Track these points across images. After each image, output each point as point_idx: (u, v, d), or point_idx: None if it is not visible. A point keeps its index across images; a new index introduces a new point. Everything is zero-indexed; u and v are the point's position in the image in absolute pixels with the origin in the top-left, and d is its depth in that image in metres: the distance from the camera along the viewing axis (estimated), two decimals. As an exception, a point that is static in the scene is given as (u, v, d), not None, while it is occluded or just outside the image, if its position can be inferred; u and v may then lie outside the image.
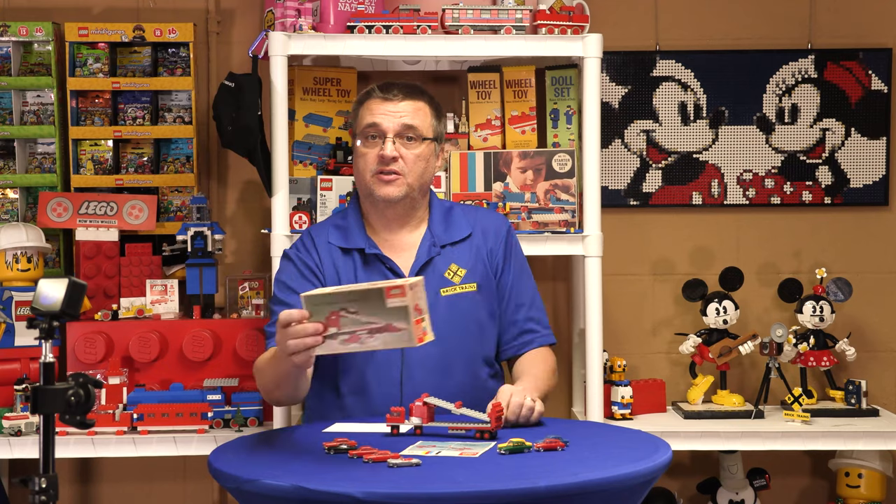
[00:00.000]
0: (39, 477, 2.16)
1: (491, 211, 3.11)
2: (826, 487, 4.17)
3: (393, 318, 2.37)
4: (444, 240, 2.96)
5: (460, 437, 2.49)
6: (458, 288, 2.92)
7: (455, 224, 3.00)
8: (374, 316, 2.37)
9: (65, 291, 2.21)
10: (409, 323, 2.37)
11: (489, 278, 2.97)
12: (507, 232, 3.04)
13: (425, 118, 2.94)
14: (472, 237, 2.99)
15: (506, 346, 3.01)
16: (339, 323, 2.40)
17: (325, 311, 2.40)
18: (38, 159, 3.94)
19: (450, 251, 2.96)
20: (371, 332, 2.38)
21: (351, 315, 2.39)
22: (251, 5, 4.05)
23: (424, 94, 2.97)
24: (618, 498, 2.19)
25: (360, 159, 2.93)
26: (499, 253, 3.00)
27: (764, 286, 4.12)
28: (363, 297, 2.38)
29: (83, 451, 3.40)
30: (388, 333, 2.38)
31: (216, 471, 2.34)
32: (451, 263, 2.94)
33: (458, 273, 2.94)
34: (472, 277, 2.94)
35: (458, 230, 2.99)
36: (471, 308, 2.93)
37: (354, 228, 2.97)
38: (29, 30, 3.84)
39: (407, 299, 2.36)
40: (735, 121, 4.11)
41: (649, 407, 3.85)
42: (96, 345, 3.53)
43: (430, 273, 2.91)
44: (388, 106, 2.92)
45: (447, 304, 2.90)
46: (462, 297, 2.91)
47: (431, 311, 2.55)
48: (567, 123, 3.77)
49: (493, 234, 3.01)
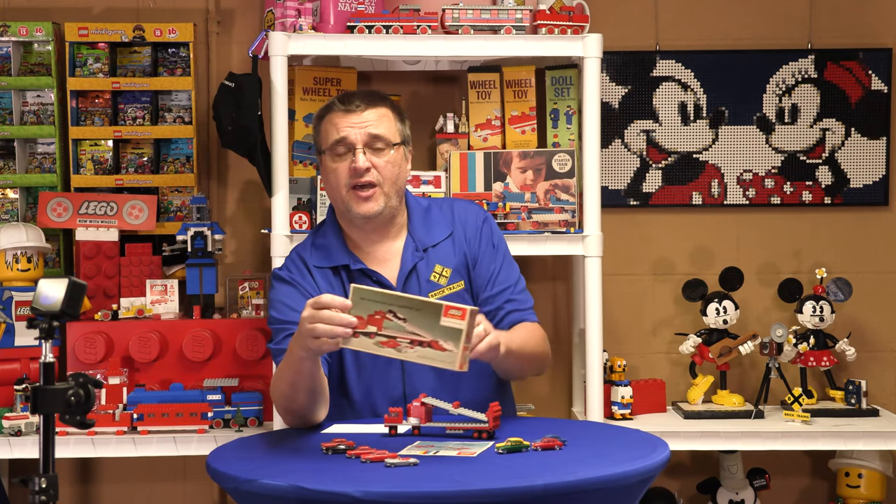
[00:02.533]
0: (39, 477, 2.16)
1: (467, 202, 3.05)
2: (826, 487, 4.17)
3: (442, 337, 2.37)
4: (426, 242, 2.92)
5: (458, 436, 2.49)
6: (445, 290, 2.88)
7: (435, 224, 2.95)
8: (424, 329, 2.38)
9: (65, 291, 2.21)
10: (458, 346, 2.37)
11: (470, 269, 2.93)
12: (485, 220, 2.97)
13: (390, 124, 2.88)
14: (453, 235, 2.95)
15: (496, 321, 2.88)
16: (382, 324, 2.39)
17: (370, 308, 2.39)
18: (38, 159, 3.94)
19: (433, 252, 2.91)
20: (412, 343, 2.39)
21: (397, 321, 2.39)
22: (251, 5, 4.05)
23: (385, 100, 2.91)
24: (615, 497, 2.19)
25: (331, 175, 2.86)
26: (476, 241, 2.93)
27: (764, 286, 4.13)
28: (418, 308, 2.38)
29: (83, 451, 3.40)
30: (432, 350, 2.38)
31: (214, 471, 2.34)
32: (435, 265, 2.90)
33: (444, 274, 2.89)
34: (458, 276, 2.91)
35: (438, 230, 2.94)
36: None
37: (335, 246, 2.91)
38: (29, 30, 3.85)
39: (464, 323, 2.36)
40: (735, 121, 4.11)
41: (649, 407, 3.85)
42: (96, 345, 3.53)
43: (417, 279, 2.88)
44: (351, 118, 2.85)
45: None
46: (450, 297, 2.86)
47: None
48: (567, 123, 3.78)
49: (472, 224, 2.96)
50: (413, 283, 2.87)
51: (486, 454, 2.34)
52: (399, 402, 2.79)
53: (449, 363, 2.38)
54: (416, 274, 2.89)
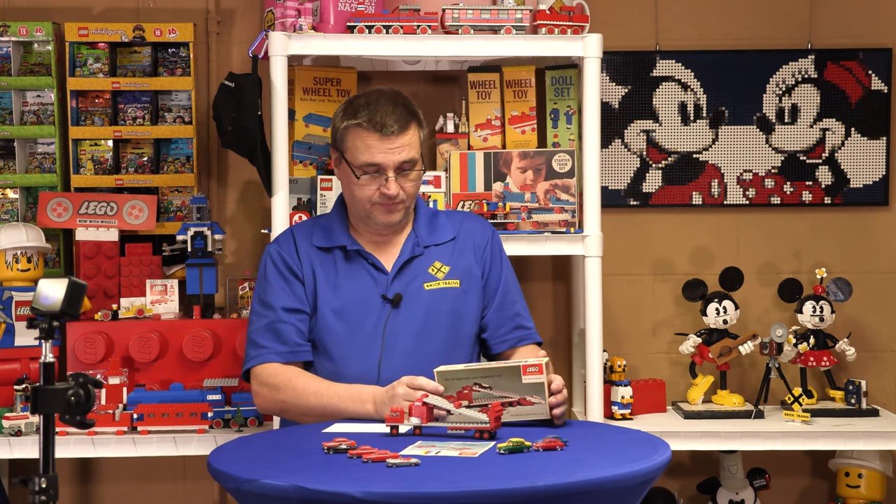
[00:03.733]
0: (39, 477, 2.16)
1: (475, 215, 3.16)
2: (826, 487, 4.17)
3: (528, 393, 2.57)
4: (428, 241, 3.00)
5: (459, 436, 2.49)
6: (441, 283, 2.95)
7: (440, 228, 3.04)
8: (509, 391, 2.57)
9: (65, 291, 2.21)
10: (544, 398, 2.56)
11: (475, 278, 3.00)
12: (492, 234, 3.08)
13: (417, 142, 2.92)
14: (457, 240, 3.03)
15: (500, 340, 3.02)
16: (472, 397, 2.56)
17: (457, 385, 2.58)
18: (38, 159, 3.94)
19: (433, 251, 3.00)
20: (504, 405, 2.56)
21: (484, 390, 2.57)
22: (251, 5, 4.05)
23: (413, 116, 2.92)
24: (617, 498, 2.19)
25: (358, 189, 2.89)
26: (486, 253, 3.03)
27: (764, 286, 4.13)
28: (499, 374, 2.58)
29: (83, 451, 3.40)
30: (522, 406, 2.57)
31: (215, 471, 2.34)
32: (434, 261, 2.98)
33: (442, 269, 2.97)
34: (456, 275, 2.98)
35: (442, 233, 3.03)
36: (453, 302, 2.95)
37: (337, 228, 2.99)
38: (29, 30, 3.85)
39: (543, 376, 2.55)
40: (735, 121, 4.11)
41: (649, 407, 3.85)
42: (96, 345, 3.53)
43: (414, 269, 2.96)
44: (386, 144, 2.86)
45: (430, 296, 2.94)
46: (446, 291, 2.95)
47: (413, 304, 2.84)
48: (567, 123, 3.78)
49: (480, 235, 3.05)
50: (408, 270, 2.95)
51: (488, 454, 2.34)
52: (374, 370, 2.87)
53: (541, 414, 2.57)
54: (416, 265, 2.97)
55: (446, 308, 2.94)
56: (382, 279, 2.94)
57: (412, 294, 2.93)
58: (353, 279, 2.95)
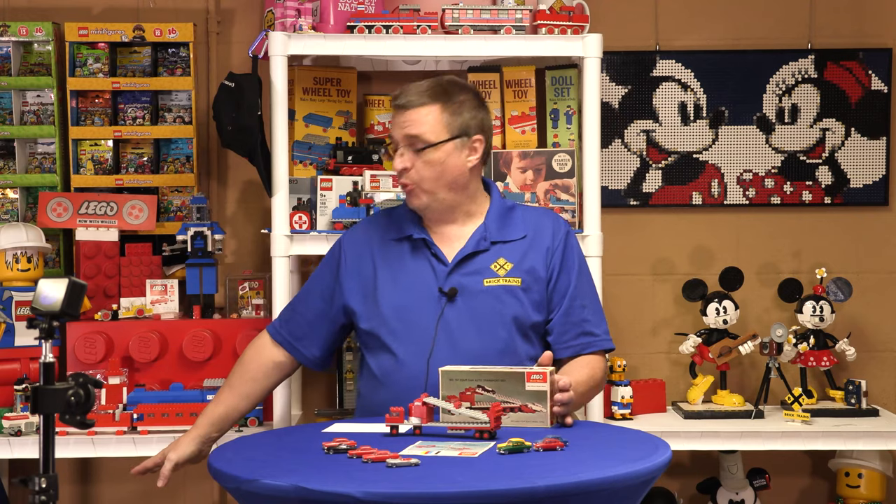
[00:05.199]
0: (39, 477, 2.16)
1: (553, 214, 3.06)
2: (826, 487, 4.18)
3: (530, 400, 2.59)
4: (497, 237, 2.94)
5: (459, 436, 2.49)
6: (501, 280, 2.89)
7: (512, 224, 2.97)
8: (512, 396, 2.59)
9: (65, 291, 2.21)
10: (545, 406, 2.58)
11: (539, 279, 2.92)
12: (566, 233, 2.99)
13: (434, 122, 2.86)
14: (527, 238, 2.95)
15: (564, 346, 2.93)
16: (474, 399, 2.56)
17: (460, 386, 2.58)
18: (38, 159, 3.94)
19: (500, 248, 2.93)
20: (505, 411, 2.58)
21: (487, 393, 2.58)
22: (251, 5, 4.05)
23: (438, 94, 2.88)
24: (617, 498, 2.19)
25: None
26: (556, 255, 2.95)
27: (764, 286, 4.13)
28: (503, 378, 2.59)
29: (83, 451, 3.40)
30: (523, 413, 2.59)
31: (216, 471, 2.34)
32: (499, 258, 2.92)
33: (505, 266, 2.91)
34: (518, 273, 2.90)
35: (513, 230, 2.96)
36: (512, 301, 2.89)
37: (407, 219, 2.97)
38: (29, 30, 3.85)
39: (547, 385, 2.58)
40: (735, 121, 4.11)
41: (649, 407, 3.86)
42: (96, 345, 3.53)
43: (476, 263, 2.90)
44: (398, 116, 2.89)
45: (487, 292, 2.88)
46: (505, 288, 2.89)
47: (470, 299, 2.83)
48: (567, 123, 3.78)
49: (551, 234, 2.96)
50: (470, 264, 2.90)
51: (488, 455, 2.34)
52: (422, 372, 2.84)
53: (541, 422, 2.58)
54: (480, 259, 2.91)
55: (503, 306, 2.88)
56: (442, 270, 2.89)
57: (470, 289, 2.87)
58: (414, 270, 2.91)
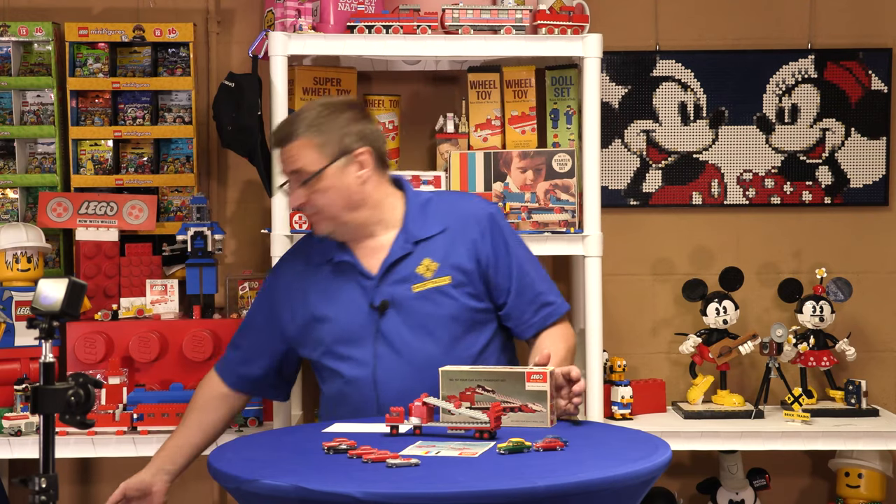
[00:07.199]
0: (39, 477, 2.16)
1: (471, 197, 3.00)
2: (826, 487, 4.18)
3: (530, 400, 2.58)
4: (418, 236, 2.88)
5: (460, 436, 2.49)
6: (429, 283, 2.84)
7: (430, 218, 2.90)
8: (512, 396, 2.58)
9: (65, 291, 2.22)
10: (546, 406, 2.58)
11: (470, 271, 2.86)
12: (489, 216, 2.90)
13: (310, 152, 2.81)
14: (449, 230, 2.89)
15: (526, 326, 2.92)
16: (474, 399, 2.56)
17: (460, 386, 2.58)
18: (38, 159, 3.94)
19: (424, 247, 2.87)
20: (504, 411, 2.57)
21: (486, 393, 2.57)
22: (251, 5, 4.05)
23: (307, 123, 2.83)
24: (617, 498, 2.19)
25: None
26: (486, 241, 2.88)
27: (764, 286, 4.13)
28: (503, 378, 2.58)
29: (83, 451, 3.40)
30: (523, 413, 2.58)
31: (216, 471, 2.34)
32: (424, 258, 2.86)
33: (431, 267, 2.85)
34: (446, 271, 2.85)
35: (432, 224, 2.89)
36: (446, 301, 2.84)
37: (328, 240, 2.92)
38: (29, 30, 3.85)
39: (547, 385, 2.57)
40: (735, 121, 4.11)
41: (649, 407, 3.86)
42: (96, 345, 3.53)
43: (402, 270, 2.85)
44: (279, 155, 2.89)
45: (420, 298, 2.84)
46: (436, 290, 2.84)
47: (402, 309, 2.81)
48: (567, 123, 3.78)
49: (474, 222, 2.89)
50: (394, 274, 2.85)
51: (488, 454, 2.34)
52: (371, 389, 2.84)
53: (540, 422, 2.57)
54: (405, 265, 2.86)
55: (437, 308, 2.83)
56: (370, 285, 2.85)
57: (400, 298, 2.83)
58: (344, 291, 2.88)
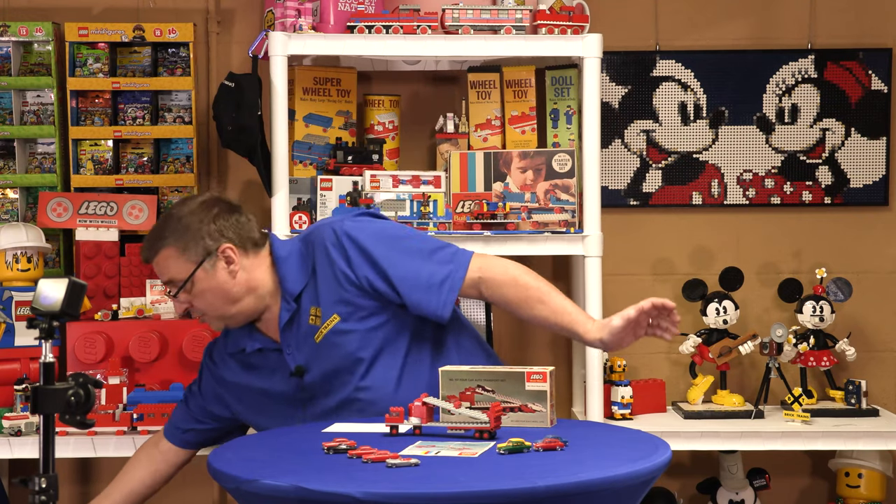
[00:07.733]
0: (39, 477, 2.16)
1: (318, 225, 2.92)
2: (826, 487, 4.17)
3: (530, 400, 2.59)
4: (294, 291, 2.85)
5: (459, 436, 2.49)
6: (323, 329, 2.83)
7: (297, 268, 2.87)
8: (512, 396, 2.60)
9: (65, 291, 2.21)
10: (546, 406, 2.59)
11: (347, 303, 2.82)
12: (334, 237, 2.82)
13: (176, 261, 2.83)
14: (316, 269, 2.84)
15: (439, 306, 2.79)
16: (474, 399, 2.57)
17: (460, 386, 2.59)
18: (38, 159, 3.94)
19: (305, 297, 2.85)
20: (504, 411, 2.58)
21: (486, 393, 2.59)
22: (251, 5, 4.05)
23: (163, 234, 2.84)
24: (617, 498, 2.19)
25: None
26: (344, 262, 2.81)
27: (764, 286, 4.13)
28: (502, 378, 2.59)
29: (83, 451, 3.40)
30: (523, 413, 2.60)
31: (216, 471, 2.34)
32: (310, 308, 2.85)
33: (317, 314, 2.84)
34: (331, 310, 2.82)
35: (301, 274, 2.86)
36: (345, 338, 2.82)
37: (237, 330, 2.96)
38: (29, 30, 3.85)
39: (547, 385, 2.58)
40: (735, 121, 4.11)
41: (649, 407, 3.85)
42: (96, 345, 3.53)
43: (298, 328, 2.86)
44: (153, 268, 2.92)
45: (324, 346, 2.83)
46: (332, 332, 2.82)
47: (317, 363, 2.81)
48: (567, 123, 3.78)
49: (326, 249, 2.82)
50: (291, 333, 2.87)
51: (488, 454, 2.34)
52: None
53: (540, 422, 2.58)
54: (296, 323, 2.86)
55: (344, 347, 2.82)
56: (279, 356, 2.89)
57: (311, 354, 2.85)
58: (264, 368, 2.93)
